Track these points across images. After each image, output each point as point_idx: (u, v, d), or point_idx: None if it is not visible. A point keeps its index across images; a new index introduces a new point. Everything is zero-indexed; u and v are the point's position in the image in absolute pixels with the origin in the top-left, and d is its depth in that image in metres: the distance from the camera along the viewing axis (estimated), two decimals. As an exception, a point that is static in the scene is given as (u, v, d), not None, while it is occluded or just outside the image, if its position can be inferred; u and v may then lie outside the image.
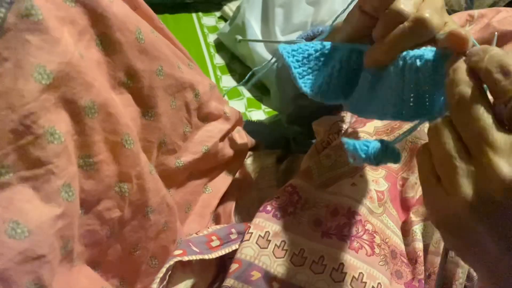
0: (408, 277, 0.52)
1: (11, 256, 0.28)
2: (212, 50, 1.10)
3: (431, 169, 0.33)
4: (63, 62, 0.30)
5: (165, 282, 0.41)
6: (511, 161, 0.27)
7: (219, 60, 1.09)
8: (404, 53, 0.37)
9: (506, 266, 0.30)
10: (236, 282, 0.46)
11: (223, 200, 0.57)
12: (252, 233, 0.49)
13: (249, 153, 0.66)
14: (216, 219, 0.57)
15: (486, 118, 0.29)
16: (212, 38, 1.14)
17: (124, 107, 0.38)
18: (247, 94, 1.01)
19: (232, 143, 0.57)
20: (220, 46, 1.11)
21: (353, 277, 0.47)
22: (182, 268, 0.45)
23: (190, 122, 0.48)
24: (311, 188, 0.53)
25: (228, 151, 0.55)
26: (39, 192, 0.30)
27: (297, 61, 0.46)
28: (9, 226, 0.28)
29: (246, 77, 0.60)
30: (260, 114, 0.98)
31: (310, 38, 0.65)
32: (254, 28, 1.02)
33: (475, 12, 0.70)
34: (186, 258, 0.43)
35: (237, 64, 1.08)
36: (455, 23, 0.42)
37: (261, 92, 1.02)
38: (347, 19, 0.44)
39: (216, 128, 0.52)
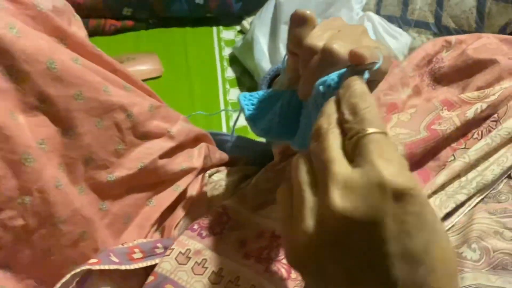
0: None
1: None
2: (225, 64, 1.14)
3: (290, 204, 0.34)
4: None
5: (71, 286, 0.46)
6: (344, 193, 0.28)
7: (230, 73, 1.12)
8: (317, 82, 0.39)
9: None
10: (150, 294, 0.49)
11: (172, 214, 0.61)
12: (173, 249, 0.52)
13: (216, 169, 0.69)
14: (162, 232, 0.60)
15: (333, 150, 0.30)
16: (228, 51, 1.18)
17: (37, 127, 0.43)
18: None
19: (184, 159, 0.60)
20: (234, 60, 1.15)
21: None
22: (100, 276, 0.49)
23: (123, 140, 0.52)
24: (242, 210, 0.55)
25: (174, 168, 0.59)
26: None
27: (251, 104, 0.49)
28: None
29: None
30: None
31: (274, 76, 0.67)
32: (262, 44, 1.04)
33: (453, 38, 0.68)
34: (97, 267, 0.47)
35: (247, 77, 1.11)
36: (380, 49, 0.43)
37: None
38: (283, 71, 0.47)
39: (157, 145, 0.55)
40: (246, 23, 1.21)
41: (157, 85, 1.06)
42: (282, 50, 1.02)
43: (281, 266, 0.52)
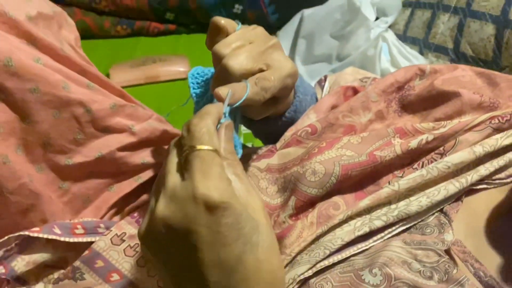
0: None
1: None
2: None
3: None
4: None
5: (11, 247, 0.55)
6: (167, 202, 0.33)
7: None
8: None
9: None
10: (82, 265, 0.57)
11: (133, 201, 0.68)
12: (111, 230, 0.59)
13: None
14: (122, 216, 0.68)
15: (170, 164, 0.36)
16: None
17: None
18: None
19: (148, 154, 0.67)
20: (260, 68, 1.20)
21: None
22: (45, 243, 0.58)
23: (82, 131, 0.60)
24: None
25: (135, 161, 0.66)
26: None
27: (197, 83, 0.56)
28: None
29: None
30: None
31: None
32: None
33: (428, 67, 0.68)
34: (35, 235, 0.55)
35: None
36: (277, 69, 0.47)
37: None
38: None
39: (116, 139, 0.63)
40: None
41: (183, 86, 1.15)
42: (298, 63, 1.05)
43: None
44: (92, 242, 0.59)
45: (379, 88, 0.68)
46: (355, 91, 0.76)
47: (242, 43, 0.47)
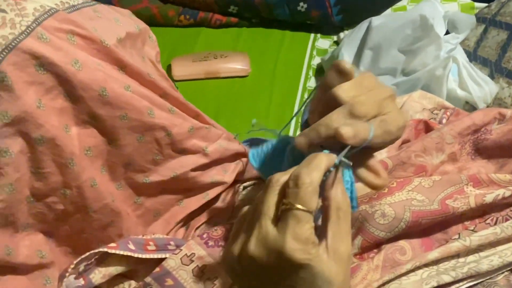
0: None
1: None
2: (311, 73, 1.19)
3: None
4: (20, 110, 0.48)
5: (90, 261, 0.58)
6: (258, 243, 0.37)
7: (312, 83, 1.17)
8: None
9: None
10: (153, 281, 0.60)
11: (199, 216, 0.71)
12: (181, 250, 0.62)
13: (252, 182, 0.77)
14: (187, 229, 0.71)
15: (268, 206, 0.39)
16: (317, 60, 1.22)
17: (87, 137, 0.55)
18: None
19: (217, 173, 0.69)
20: (320, 71, 1.19)
21: None
22: (119, 257, 0.61)
23: (161, 153, 0.62)
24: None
25: (205, 179, 0.68)
26: (-8, 184, 0.49)
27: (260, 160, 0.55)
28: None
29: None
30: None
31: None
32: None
33: (509, 112, 0.66)
34: (113, 251, 0.59)
35: (328, 91, 1.15)
36: (395, 119, 0.46)
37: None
38: None
39: (191, 160, 0.65)
40: (342, 35, 1.23)
41: (242, 83, 1.16)
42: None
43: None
44: (162, 259, 0.62)
45: (455, 130, 0.67)
46: (427, 125, 0.75)
47: (362, 91, 0.45)
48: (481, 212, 0.60)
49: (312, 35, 1.28)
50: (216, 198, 0.72)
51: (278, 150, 0.53)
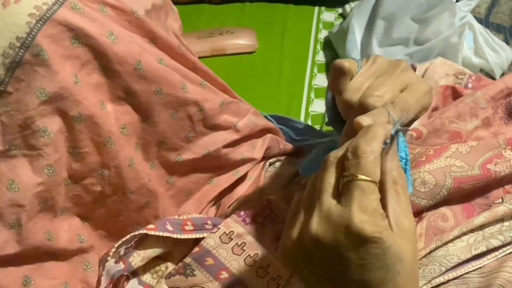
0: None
1: (5, 200, 0.45)
2: (318, 47, 1.17)
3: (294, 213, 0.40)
4: (57, 87, 0.45)
5: (130, 244, 0.56)
6: (321, 221, 0.34)
7: (321, 57, 1.15)
8: None
9: None
10: (192, 261, 0.59)
11: (229, 194, 0.69)
12: (219, 228, 0.60)
13: (276, 159, 0.75)
14: (218, 208, 0.69)
15: (328, 183, 0.36)
16: (324, 34, 1.20)
17: (122, 115, 0.52)
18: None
19: (247, 149, 0.67)
20: (327, 44, 1.17)
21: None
22: (156, 238, 0.59)
23: (194, 129, 0.60)
24: (285, 208, 0.62)
25: (236, 156, 0.66)
26: (31, 165, 0.46)
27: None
28: (8, 182, 0.45)
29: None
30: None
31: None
32: (356, 34, 1.05)
33: None
34: (153, 233, 0.57)
35: (337, 64, 1.13)
36: (414, 89, 0.45)
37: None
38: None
39: (222, 136, 0.63)
40: (348, 7, 1.21)
41: (249, 59, 1.13)
42: (374, 45, 1.02)
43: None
44: (200, 239, 0.60)
45: (489, 94, 0.66)
46: (454, 91, 0.74)
47: (371, 82, 0.45)
48: (522, 174, 0.59)
49: (317, 8, 1.25)
50: (244, 175, 0.70)
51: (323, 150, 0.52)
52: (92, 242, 0.55)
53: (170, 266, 0.61)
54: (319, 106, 1.06)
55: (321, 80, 1.10)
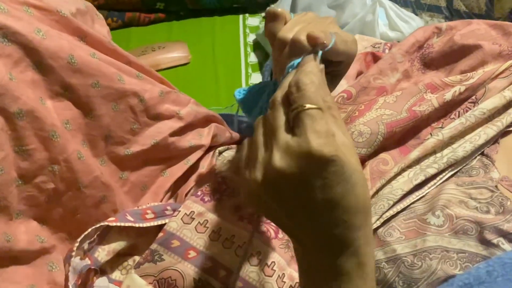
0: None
1: None
2: (249, 49, 1.22)
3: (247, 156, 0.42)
4: (-7, 84, 0.46)
5: (93, 238, 0.57)
6: (283, 155, 0.37)
7: (253, 58, 1.20)
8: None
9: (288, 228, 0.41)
10: (159, 247, 0.59)
11: (185, 184, 0.71)
12: (180, 211, 0.62)
13: (226, 147, 0.78)
14: (175, 199, 0.70)
15: (279, 120, 0.39)
16: (252, 37, 1.26)
17: (62, 111, 0.53)
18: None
19: (194, 137, 0.70)
20: (257, 46, 1.23)
21: (251, 253, 0.58)
22: (119, 231, 0.60)
23: (137, 121, 0.61)
24: (237, 180, 0.64)
25: (184, 144, 0.68)
26: (-22, 167, 0.46)
27: (244, 95, 0.58)
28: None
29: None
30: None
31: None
32: (281, 30, 1.11)
33: (444, 25, 0.73)
34: (114, 224, 0.57)
35: (269, 62, 1.19)
36: (339, 34, 0.50)
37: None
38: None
39: (166, 125, 0.65)
40: (270, 10, 1.27)
41: (185, 71, 1.17)
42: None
43: (270, 227, 0.60)
44: (161, 226, 0.61)
45: (403, 49, 0.72)
46: (374, 55, 0.80)
47: (303, 25, 0.50)
48: (444, 111, 0.65)
49: (241, 16, 1.31)
50: (196, 164, 0.72)
51: (259, 87, 0.57)
52: (53, 242, 0.54)
53: (137, 259, 0.62)
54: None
55: (257, 79, 1.15)
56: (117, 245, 0.59)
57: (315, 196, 0.36)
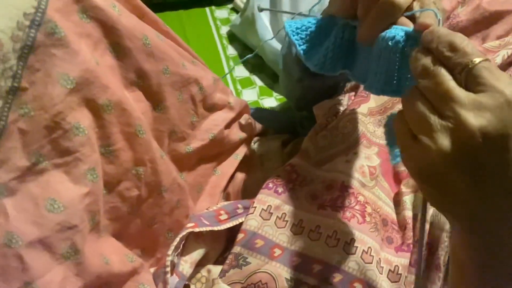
0: (398, 242, 0.57)
1: (51, 226, 0.35)
2: (225, 42, 1.16)
3: (407, 131, 0.37)
4: (82, 70, 0.37)
5: (179, 250, 0.49)
6: (477, 113, 0.32)
7: (232, 51, 1.15)
8: (382, 33, 0.42)
9: (477, 211, 0.35)
10: (242, 249, 0.53)
11: (232, 180, 0.64)
12: (256, 207, 0.55)
13: (256, 138, 0.72)
14: (227, 197, 0.64)
15: (448, 81, 0.35)
16: (225, 30, 1.20)
17: (136, 102, 0.45)
18: (259, 82, 1.07)
19: (238, 129, 0.63)
20: (232, 38, 1.17)
21: (345, 242, 0.53)
22: (195, 239, 0.52)
23: (196, 113, 0.54)
24: (308, 167, 0.59)
25: (234, 137, 0.62)
26: (69, 175, 0.37)
27: (301, 38, 0.51)
28: (48, 202, 0.36)
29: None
30: (272, 101, 1.03)
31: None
32: (263, 19, 1.07)
33: None
34: (197, 229, 0.50)
35: (250, 53, 1.13)
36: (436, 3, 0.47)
37: (272, 80, 1.07)
38: (331, 2, 0.49)
39: (221, 117, 0.58)
40: (239, 1, 1.23)
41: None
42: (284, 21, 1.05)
43: (355, 212, 0.56)
44: (233, 233, 0.54)
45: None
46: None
47: None
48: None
49: (207, 8, 1.25)
50: (244, 159, 0.66)
51: (322, 29, 0.49)
52: (140, 260, 0.45)
53: (213, 269, 0.54)
54: (249, 95, 1.05)
55: (241, 71, 1.10)
56: (197, 254, 0.52)
57: None
